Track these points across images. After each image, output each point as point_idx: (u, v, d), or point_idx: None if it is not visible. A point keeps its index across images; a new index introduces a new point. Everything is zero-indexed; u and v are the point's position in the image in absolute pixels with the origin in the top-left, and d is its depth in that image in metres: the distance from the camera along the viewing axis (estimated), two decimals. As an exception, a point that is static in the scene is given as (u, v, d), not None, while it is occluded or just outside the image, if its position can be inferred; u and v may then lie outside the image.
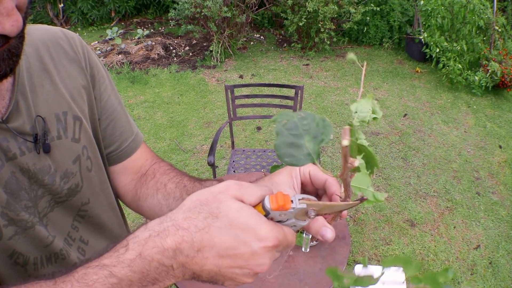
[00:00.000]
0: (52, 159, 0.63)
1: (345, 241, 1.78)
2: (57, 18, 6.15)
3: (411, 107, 4.18)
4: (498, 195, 3.09)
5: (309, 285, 1.60)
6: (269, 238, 0.44)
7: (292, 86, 2.67)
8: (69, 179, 0.66)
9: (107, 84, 0.76)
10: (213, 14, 4.60)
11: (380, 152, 3.52)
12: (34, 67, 0.63)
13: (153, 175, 0.79)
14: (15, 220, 0.59)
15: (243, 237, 0.44)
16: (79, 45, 0.71)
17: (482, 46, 4.37)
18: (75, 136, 0.67)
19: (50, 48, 0.67)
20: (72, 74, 0.69)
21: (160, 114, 4.07)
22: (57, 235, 0.66)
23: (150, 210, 0.76)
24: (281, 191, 0.46)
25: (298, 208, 0.45)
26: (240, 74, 4.79)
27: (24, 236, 0.61)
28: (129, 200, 0.81)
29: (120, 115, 0.77)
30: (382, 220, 2.85)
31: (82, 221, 0.71)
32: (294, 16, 4.98)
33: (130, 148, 0.79)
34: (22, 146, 0.59)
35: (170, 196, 0.74)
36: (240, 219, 0.44)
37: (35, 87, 0.62)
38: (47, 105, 0.63)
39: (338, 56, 5.26)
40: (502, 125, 3.91)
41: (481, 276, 2.49)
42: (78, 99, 0.69)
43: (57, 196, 0.65)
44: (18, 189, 0.59)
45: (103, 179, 0.74)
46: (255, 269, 0.45)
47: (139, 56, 5.18)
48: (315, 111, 4.08)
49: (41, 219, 0.63)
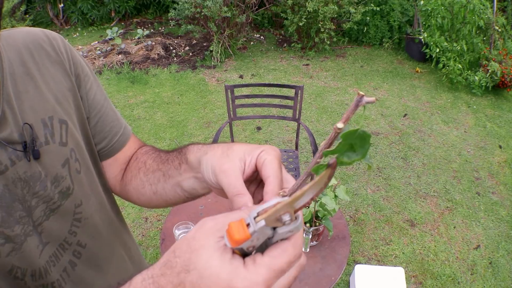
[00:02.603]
0: (41, 165, 0.63)
1: (345, 241, 1.78)
2: (57, 18, 6.15)
3: (411, 107, 4.18)
4: (498, 195, 3.09)
5: (309, 285, 1.60)
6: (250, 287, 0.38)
7: (292, 86, 2.67)
8: (59, 183, 0.66)
9: (92, 82, 0.75)
10: (213, 14, 4.60)
11: (380, 152, 3.52)
12: (18, 72, 0.62)
13: (135, 158, 0.80)
14: (11, 236, 0.59)
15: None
16: (62, 45, 0.70)
17: (482, 46, 4.37)
18: (62, 140, 0.67)
19: (33, 52, 0.66)
20: (56, 77, 0.68)
21: (160, 114, 4.07)
22: (50, 241, 0.66)
23: (135, 191, 0.76)
24: (231, 222, 0.39)
25: (260, 228, 0.38)
26: (240, 74, 4.79)
27: (22, 251, 0.61)
28: (119, 189, 0.81)
29: (107, 111, 0.77)
30: (382, 220, 2.85)
31: (79, 225, 0.71)
32: (294, 16, 4.98)
33: (120, 141, 0.79)
34: (12, 156, 0.59)
35: (149, 171, 0.73)
36: (208, 271, 0.39)
37: (20, 93, 0.62)
38: (33, 111, 0.63)
39: (338, 56, 5.26)
40: (502, 125, 3.91)
41: (481, 276, 2.49)
42: (63, 102, 0.68)
43: (51, 203, 0.65)
44: (11, 200, 0.59)
45: (91, 180, 0.74)
46: None
47: (139, 56, 5.18)
48: (315, 111, 4.08)
49: (36, 227, 0.64)
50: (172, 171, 0.68)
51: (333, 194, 1.61)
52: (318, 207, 1.64)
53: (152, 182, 0.72)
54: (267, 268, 0.39)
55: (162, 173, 0.70)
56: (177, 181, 0.66)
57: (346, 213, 2.90)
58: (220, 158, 0.54)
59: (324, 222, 1.65)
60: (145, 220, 2.84)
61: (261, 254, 0.40)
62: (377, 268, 2.19)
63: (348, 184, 3.15)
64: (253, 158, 0.53)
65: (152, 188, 0.72)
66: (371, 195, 3.07)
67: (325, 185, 0.38)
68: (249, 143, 0.60)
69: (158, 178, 0.71)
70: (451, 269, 2.53)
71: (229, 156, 0.54)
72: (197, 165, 0.60)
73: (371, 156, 3.47)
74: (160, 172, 0.71)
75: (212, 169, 0.55)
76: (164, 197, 0.71)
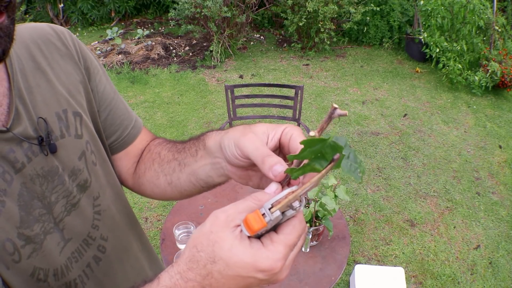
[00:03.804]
0: (58, 159, 0.63)
1: (345, 241, 1.78)
2: (57, 18, 6.15)
3: (411, 107, 4.18)
4: (498, 195, 3.10)
5: (309, 285, 1.60)
6: (271, 266, 0.44)
7: (292, 86, 2.67)
8: (77, 176, 0.66)
9: (101, 75, 0.74)
10: (213, 14, 4.60)
11: (380, 152, 3.52)
12: (28, 68, 0.62)
13: (148, 150, 0.79)
14: (30, 237, 0.58)
15: (245, 275, 0.44)
16: (70, 39, 0.69)
17: (482, 46, 4.37)
18: (78, 132, 0.66)
19: (42, 46, 0.65)
20: (67, 70, 0.67)
21: (160, 114, 4.07)
22: (73, 237, 0.65)
23: (149, 183, 0.75)
24: (248, 214, 0.44)
25: (276, 217, 0.44)
26: (240, 74, 4.79)
27: (42, 251, 0.60)
28: (132, 183, 0.81)
29: (118, 104, 0.77)
30: (382, 220, 2.85)
31: (99, 217, 0.70)
32: (294, 16, 4.98)
33: (131, 134, 0.79)
34: (28, 152, 0.58)
35: (164, 161, 0.73)
36: (233, 258, 0.44)
37: (31, 88, 0.61)
38: (46, 105, 0.62)
39: (338, 56, 5.26)
40: (502, 125, 3.91)
41: (481, 276, 2.49)
42: (76, 95, 0.68)
43: (70, 197, 0.64)
44: (30, 198, 0.58)
45: (107, 171, 0.74)
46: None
47: (139, 56, 5.18)
48: (315, 111, 4.08)
49: (57, 224, 0.62)
50: (188, 159, 0.67)
51: (333, 194, 1.61)
52: (318, 207, 1.64)
53: (167, 173, 0.72)
54: (283, 244, 0.45)
55: (177, 163, 0.70)
56: (192, 169, 0.66)
57: (346, 213, 2.90)
58: (242, 133, 0.55)
59: (324, 222, 1.65)
60: (145, 220, 2.84)
61: (275, 233, 0.46)
62: (377, 268, 2.19)
63: (348, 184, 3.15)
64: (277, 133, 0.54)
65: (167, 178, 0.72)
66: (371, 195, 3.07)
67: (323, 176, 0.45)
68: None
69: (173, 168, 0.71)
70: (451, 269, 2.53)
71: (251, 131, 0.55)
72: (216, 149, 0.60)
73: (371, 156, 3.47)
74: (175, 162, 0.70)
75: (235, 143, 0.55)
76: (178, 188, 0.70)
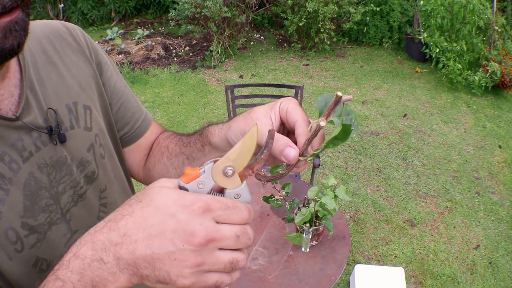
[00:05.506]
0: (67, 149, 0.63)
1: (345, 241, 1.78)
2: (57, 18, 6.15)
3: (411, 107, 4.18)
4: (498, 195, 3.10)
5: (309, 285, 1.60)
6: (194, 203, 0.43)
7: (292, 86, 2.67)
8: (84, 167, 0.66)
9: (112, 70, 0.76)
10: (213, 14, 4.60)
11: (380, 152, 3.52)
12: (40, 61, 0.63)
13: (157, 143, 0.81)
14: (34, 226, 0.58)
15: (166, 210, 0.43)
16: (81, 35, 0.72)
17: (482, 46, 4.37)
18: (87, 125, 0.68)
19: (53, 41, 0.67)
20: (78, 65, 0.69)
21: (160, 114, 4.08)
22: (80, 229, 0.66)
23: (159, 176, 0.77)
24: (187, 167, 0.47)
25: (208, 168, 0.46)
26: (240, 74, 4.80)
27: (46, 241, 0.60)
28: (143, 176, 0.82)
29: (129, 97, 0.79)
30: (382, 220, 2.86)
31: (105, 210, 0.71)
32: (294, 16, 4.98)
33: (142, 127, 0.80)
34: (37, 141, 0.59)
35: (172, 155, 0.75)
36: (161, 195, 0.44)
37: (43, 81, 0.62)
38: (56, 97, 0.63)
39: (338, 56, 5.27)
40: (502, 125, 3.91)
41: (481, 276, 2.49)
42: (86, 88, 0.69)
43: (78, 187, 0.65)
44: (37, 188, 0.59)
45: (115, 165, 0.75)
46: (188, 239, 0.42)
47: (139, 56, 5.18)
48: (315, 111, 4.08)
49: (64, 215, 0.63)
50: (196, 153, 0.69)
51: (333, 194, 1.61)
52: (318, 207, 1.64)
53: (176, 166, 0.73)
54: (211, 197, 0.44)
55: (186, 156, 0.71)
56: (202, 162, 0.67)
57: (346, 213, 2.91)
58: (245, 122, 0.56)
59: (324, 222, 1.65)
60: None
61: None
62: (377, 268, 2.19)
63: (348, 184, 3.16)
64: (276, 111, 0.55)
65: (176, 172, 0.73)
66: (371, 195, 3.07)
67: (253, 146, 0.47)
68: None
69: (182, 161, 0.72)
70: (451, 269, 2.53)
71: (253, 117, 0.56)
72: (223, 143, 0.62)
73: (371, 156, 3.47)
74: (183, 156, 0.72)
75: (241, 132, 0.56)
76: None
